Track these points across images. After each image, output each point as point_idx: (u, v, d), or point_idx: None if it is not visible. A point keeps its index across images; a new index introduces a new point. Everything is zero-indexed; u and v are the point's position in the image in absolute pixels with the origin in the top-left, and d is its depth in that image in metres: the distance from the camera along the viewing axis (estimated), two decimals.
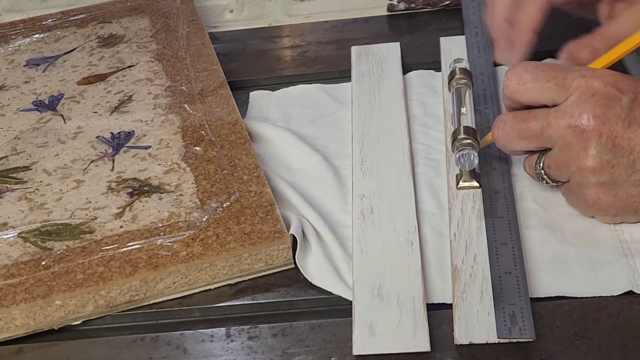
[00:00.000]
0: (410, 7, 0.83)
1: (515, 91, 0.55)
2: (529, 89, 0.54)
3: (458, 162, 0.58)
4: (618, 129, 0.51)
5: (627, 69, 0.71)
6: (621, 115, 0.51)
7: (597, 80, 0.52)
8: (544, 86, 0.53)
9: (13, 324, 0.53)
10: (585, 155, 0.52)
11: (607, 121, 0.51)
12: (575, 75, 0.52)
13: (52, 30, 0.84)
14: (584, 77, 0.52)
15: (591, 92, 0.51)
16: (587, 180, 0.52)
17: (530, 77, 0.54)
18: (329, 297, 0.54)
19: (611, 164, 0.51)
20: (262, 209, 0.57)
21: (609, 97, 0.51)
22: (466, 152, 0.57)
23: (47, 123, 0.70)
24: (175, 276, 0.54)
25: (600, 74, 0.52)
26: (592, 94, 0.51)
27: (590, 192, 0.53)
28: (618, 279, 0.52)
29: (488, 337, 0.49)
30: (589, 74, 0.52)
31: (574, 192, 0.55)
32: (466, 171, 0.59)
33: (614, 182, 0.52)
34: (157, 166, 0.63)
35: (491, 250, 0.54)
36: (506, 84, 0.55)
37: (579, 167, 0.52)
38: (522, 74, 0.54)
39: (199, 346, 0.52)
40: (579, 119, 0.51)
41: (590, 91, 0.51)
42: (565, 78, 0.52)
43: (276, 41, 0.83)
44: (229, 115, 0.67)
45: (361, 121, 0.67)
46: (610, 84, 0.51)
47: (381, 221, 0.58)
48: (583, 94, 0.51)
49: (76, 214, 0.59)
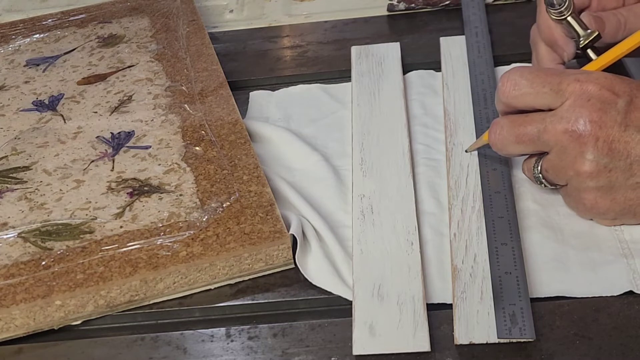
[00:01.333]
0: (410, 7, 0.83)
1: (510, 97, 0.54)
2: (525, 95, 0.54)
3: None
4: (614, 133, 0.51)
5: (628, 69, 0.71)
6: (617, 118, 0.51)
7: (592, 84, 0.51)
8: (539, 91, 0.53)
9: (13, 324, 0.53)
10: (582, 159, 0.51)
11: (604, 125, 0.51)
12: (570, 79, 0.52)
13: (52, 30, 0.84)
14: (579, 81, 0.52)
15: (587, 97, 0.51)
16: (585, 184, 0.52)
17: (526, 83, 0.53)
18: (329, 297, 0.54)
19: (608, 168, 0.51)
20: (262, 209, 0.57)
21: (604, 101, 0.51)
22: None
23: (47, 123, 0.70)
24: (175, 276, 0.54)
25: (595, 78, 0.52)
26: (588, 99, 0.51)
27: (588, 196, 0.53)
28: (618, 279, 0.52)
29: (488, 337, 0.49)
30: (584, 77, 0.52)
31: (572, 195, 0.55)
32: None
33: (612, 186, 0.52)
34: (157, 166, 0.63)
35: (491, 250, 0.54)
36: (501, 89, 0.55)
37: (576, 171, 0.52)
38: (517, 79, 0.54)
39: (199, 346, 0.52)
40: (575, 123, 0.51)
41: (586, 95, 0.51)
42: (560, 83, 0.52)
43: (276, 41, 0.83)
44: (229, 115, 0.68)
45: (361, 121, 0.67)
46: (606, 88, 0.51)
47: (381, 221, 0.58)
48: (578, 99, 0.51)
49: (76, 214, 0.59)
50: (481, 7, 0.79)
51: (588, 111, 0.51)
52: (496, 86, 0.69)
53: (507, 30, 0.78)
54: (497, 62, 0.72)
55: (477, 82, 0.69)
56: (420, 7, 0.83)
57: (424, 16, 0.83)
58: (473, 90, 0.68)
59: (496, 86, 0.69)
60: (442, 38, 0.76)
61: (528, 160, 0.57)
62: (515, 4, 0.82)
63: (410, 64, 0.75)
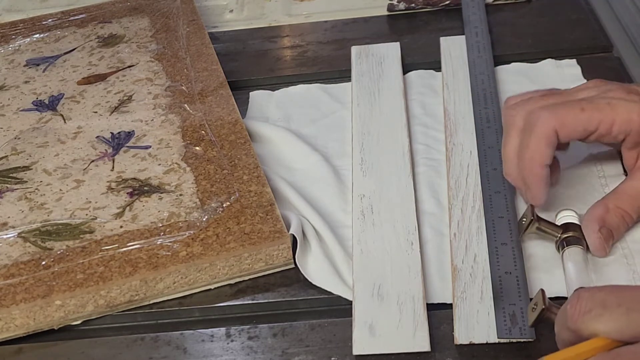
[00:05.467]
0: (410, 7, 0.83)
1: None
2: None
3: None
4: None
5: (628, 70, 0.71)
6: None
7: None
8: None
9: (13, 324, 0.53)
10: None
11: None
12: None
13: (52, 30, 0.84)
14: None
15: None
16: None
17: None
18: (329, 297, 0.54)
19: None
20: (262, 208, 0.57)
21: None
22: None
23: (47, 123, 0.70)
24: (175, 276, 0.54)
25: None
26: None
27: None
28: (618, 279, 0.52)
29: (488, 337, 0.49)
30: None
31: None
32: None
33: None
34: (157, 166, 0.63)
35: (491, 250, 0.54)
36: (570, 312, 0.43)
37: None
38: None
39: (199, 346, 0.52)
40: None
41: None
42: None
43: (276, 41, 0.83)
44: (229, 115, 0.67)
45: (361, 121, 0.67)
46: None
47: (381, 221, 0.58)
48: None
49: (76, 213, 0.59)
50: (481, 7, 0.79)
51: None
52: (496, 86, 0.69)
53: (507, 30, 0.78)
54: (497, 62, 0.72)
55: (477, 82, 0.69)
56: (420, 7, 0.83)
57: (424, 16, 0.83)
58: (473, 90, 0.68)
59: (496, 86, 0.69)
60: (442, 38, 0.76)
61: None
62: (515, 3, 0.82)
63: (410, 64, 0.75)
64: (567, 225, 0.54)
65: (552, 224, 0.54)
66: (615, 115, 0.53)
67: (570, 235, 0.53)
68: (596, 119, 0.53)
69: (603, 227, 0.53)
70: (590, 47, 0.74)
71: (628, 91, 0.54)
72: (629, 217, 0.54)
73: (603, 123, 0.53)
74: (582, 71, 0.70)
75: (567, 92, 0.57)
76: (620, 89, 0.54)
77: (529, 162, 0.53)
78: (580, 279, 0.50)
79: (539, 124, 0.53)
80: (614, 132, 0.53)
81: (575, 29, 0.77)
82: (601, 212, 0.53)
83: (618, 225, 0.53)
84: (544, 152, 0.53)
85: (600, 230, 0.53)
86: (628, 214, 0.54)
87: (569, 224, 0.54)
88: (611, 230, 0.53)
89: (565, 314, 0.43)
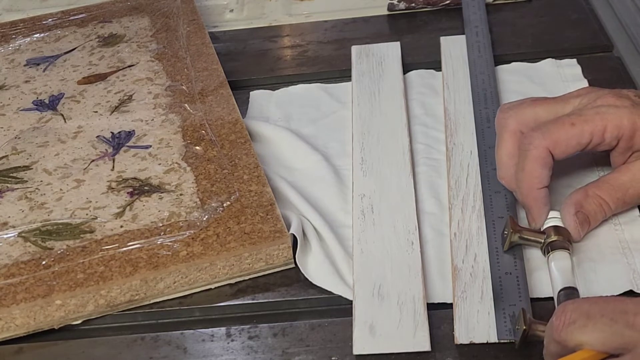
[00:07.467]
0: (411, 7, 0.83)
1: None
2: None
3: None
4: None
5: (628, 69, 0.71)
6: None
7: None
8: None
9: (13, 324, 0.53)
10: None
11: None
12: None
13: (52, 30, 0.84)
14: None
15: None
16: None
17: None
18: (329, 296, 0.54)
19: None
20: (263, 208, 0.57)
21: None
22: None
23: (48, 122, 0.70)
24: (176, 276, 0.54)
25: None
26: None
27: None
28: (618, 278, 0.52)
29: (488, 337, 0.49)
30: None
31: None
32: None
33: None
34: (158, 166, 0.63)
35: (491, 250, 0.54)
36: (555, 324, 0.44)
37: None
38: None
39: (199, 346, 0.52)
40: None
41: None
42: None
43: (276, 41, 0.83)
44: (229, 114, 0.67)
45: (361, 121, 0.67)
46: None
47: (381, 221, 0.58)
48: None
49: (76, 213, 0.59)
50: (481, 6, 0.79)
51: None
52: (496, 86, 0.69)
53: (507, 30, 0.78)
54: (497, 61, 0.72)
55: (478, 82, 0.69)
56: (421, 6, 0.83)
57: (424, 16, 0.83)
58: (473, 90, 0.68)
59: (496, 86, 0.69)
60: (442, 38, 0.76)
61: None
62: (516, 3, 0.82)
63: (411, 63, 0.75)
64: (551, 229, 0.54)
65: (534, 231, 0.54)
66: (605, 122, 0.53)
67: (553, 240, 0.53)
68: (587, 131, 0.53)
69: (579, 212, 0.54)
70: (590, 47, 0.74)
71: (618, 96, 0.54)
72: (606, 206, 0.54)
73: (595, 133, 0.53)
74: (583, 71, 0.70)
75: (559, 98, 0.57)
76: (610, 95, 0.55)
77: (527, 185, 0.54)
78: (564, 281, 0.50)
79: (532, 146, 0.53)
80: (606, 139, 0.54)
81: (575, 28, 0.77)
82: (580, 197, 0.54)
83: (595, 212, 0.54)
84: (540, 173, 0.53)
85: (576, 214, 0.54)
86: (606, 203, 0.54)
87: (552, 228, 0.54)
88: (587, 216, 0.54)
89: (552, 326, 0.44)
